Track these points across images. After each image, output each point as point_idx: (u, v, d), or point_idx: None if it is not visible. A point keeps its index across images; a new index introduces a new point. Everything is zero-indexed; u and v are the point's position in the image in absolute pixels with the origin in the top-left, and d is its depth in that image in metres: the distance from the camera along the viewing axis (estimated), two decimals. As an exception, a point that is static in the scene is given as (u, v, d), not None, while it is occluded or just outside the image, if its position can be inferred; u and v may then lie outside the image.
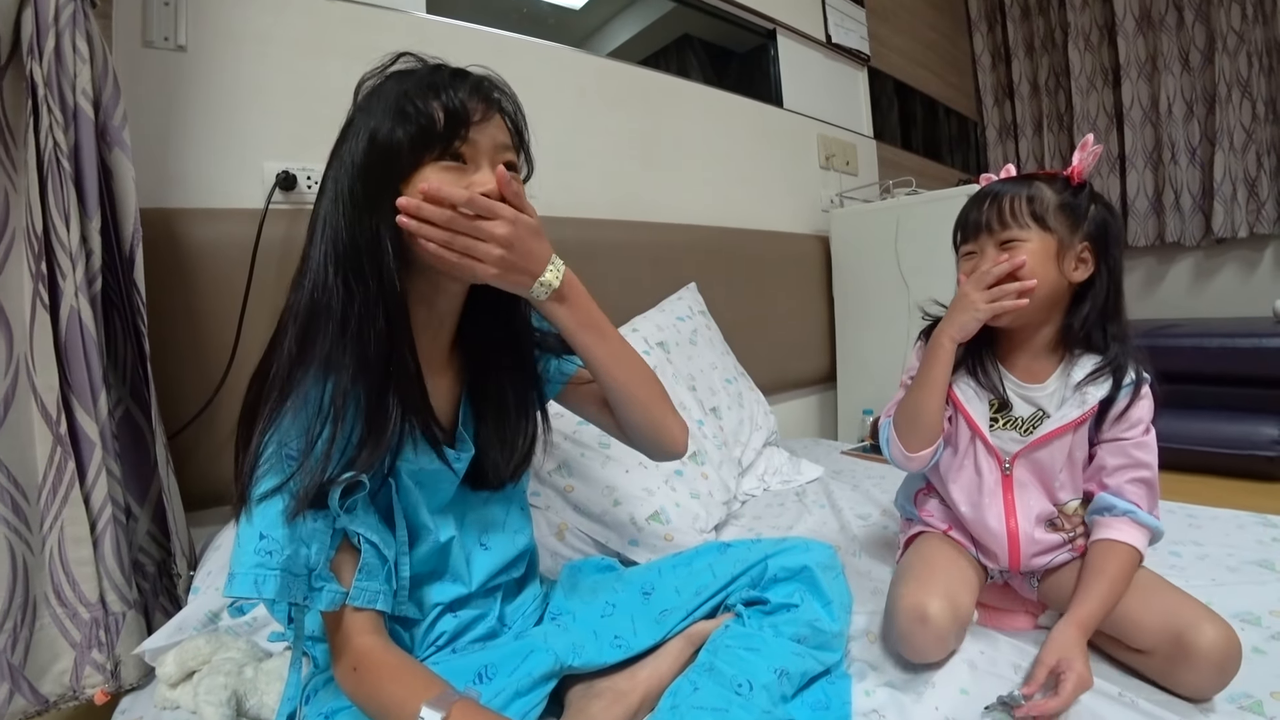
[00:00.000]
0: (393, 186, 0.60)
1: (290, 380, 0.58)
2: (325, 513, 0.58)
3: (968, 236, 0.85)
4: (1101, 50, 3.08)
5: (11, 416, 0.78)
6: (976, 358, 0.87)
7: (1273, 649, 0.76)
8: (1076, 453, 0.82)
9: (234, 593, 0.55)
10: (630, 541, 1.10)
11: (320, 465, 0.57)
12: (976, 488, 0.86)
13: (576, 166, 1.67)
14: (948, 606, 0.74)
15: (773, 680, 0.66)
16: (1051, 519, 0.84)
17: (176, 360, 1.03)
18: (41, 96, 0.80)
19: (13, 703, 0.76)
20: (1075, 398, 0.80)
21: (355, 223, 0.60)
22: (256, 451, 0.57)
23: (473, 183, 0.62)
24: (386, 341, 0.60)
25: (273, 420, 0.57)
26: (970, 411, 0.85)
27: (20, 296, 0.79)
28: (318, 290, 0.59)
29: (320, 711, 0.62)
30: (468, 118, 0.62)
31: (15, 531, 0.77)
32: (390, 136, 0.60)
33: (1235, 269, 2.94)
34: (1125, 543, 0.76)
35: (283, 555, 0.56)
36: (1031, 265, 0.79)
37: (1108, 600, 0.73)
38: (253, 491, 0.56)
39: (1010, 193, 0.81)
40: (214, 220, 1.12)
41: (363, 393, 0.60)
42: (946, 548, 0.87)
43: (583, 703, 0.70)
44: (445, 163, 0.61)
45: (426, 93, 0.61)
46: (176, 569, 0.93)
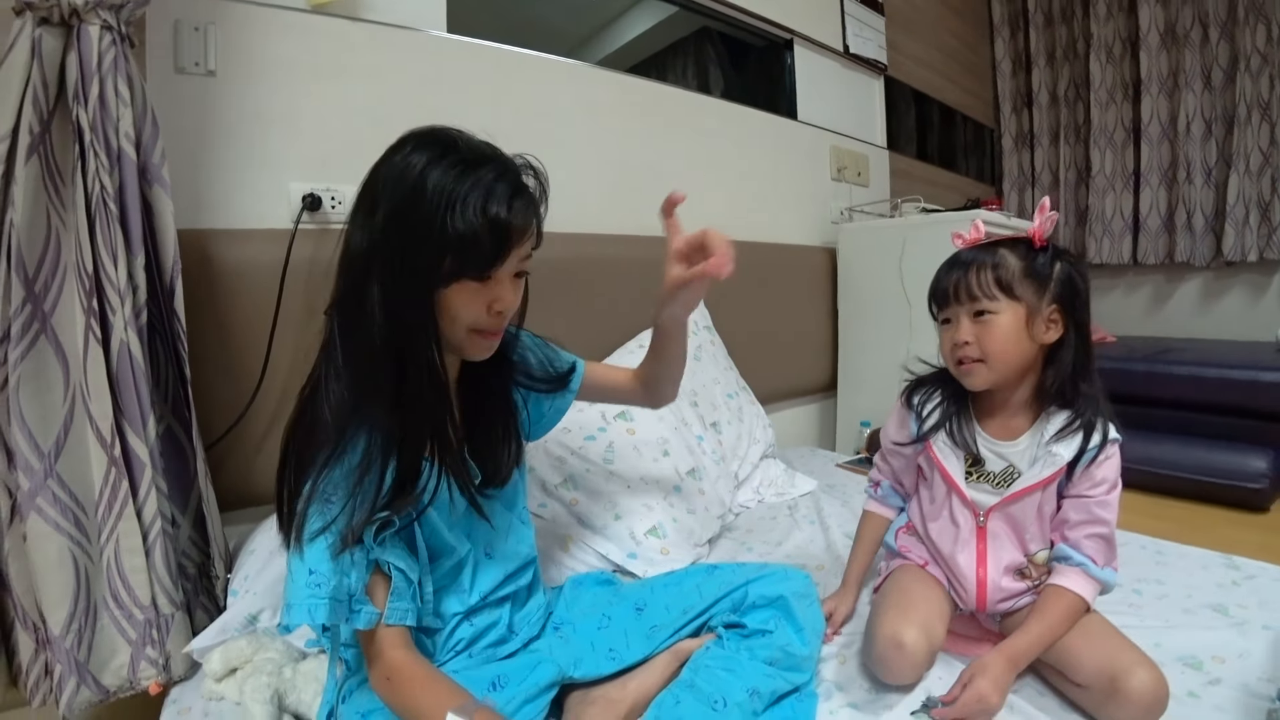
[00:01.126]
0: (435, 288, 0.68)
1: (340, 439, 0.66)
2: (362, 547, 0.66)
3: (942, 305, 0.89)
4: (1123, 64, 3.05)
5: (70, 440, 0.87)
6: (953, 416, 0.91)
7: (1207, 694, 0.82)
8: (1046, 507, 0.88)
9: (293, 621, 0.64)
10: (629, 554, 1.18)
11: (362, 509, 0.65)
12: (953, 536, 0.92)
13: (588, 182, 1.71)
14: (923, 635, 0.82)
15: (745, 699, 0.74)
16: (1021, 569, 0.90)
17: (210, 375, 1.10)
18: (88, 142, 0.86)
19: (80, 694, 0.86)
20: (1046, 457, 0.85)
21: (405, 315, 0.66)
22: (307, 497, 0.65)
23: (494, 298, 0.70)
24: (436, 417, 0.69)
25: (323, 472, 0.65)
26: (946, 466, 0.91)
27: (74, 330, 0.87)
28: (366, 363, 0.67)
29: (358, 710, 0.71)
30: (510, 245, 0.68)
31: (78, 544, 0.86)
32: (441, 245, 0.65)
33: (1243, 292, 2.94)
34: (1073, 591, 0.83)
35: (329, 586, 0.64)
36: (1004, 336, 0.83)
37: (1042, 640, 0.80)
38: (303, 532, 0.65)
39: (976, 263, 0.85)
40: (244, 241, 1.18)
41: (404, 453, 0.68)
42: (923, 580, 0.94)
43: (580, 708, 0.79)
44: (477, 280, 0.69)
45: (483, 212, 0.65)
46: (215, 571, 1.03)
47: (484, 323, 0.71)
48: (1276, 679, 0.84)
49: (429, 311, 0.68)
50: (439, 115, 1.54)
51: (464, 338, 0.72)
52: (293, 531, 0.65)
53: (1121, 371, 2.32)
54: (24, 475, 0.84)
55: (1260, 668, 0.88)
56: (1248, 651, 0.91)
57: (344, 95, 1.31)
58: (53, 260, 0.87)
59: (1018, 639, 0.80)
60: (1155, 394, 2.25)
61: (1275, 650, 0.91)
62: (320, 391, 0.69)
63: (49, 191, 0.86)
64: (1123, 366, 2.33)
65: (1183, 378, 2.19)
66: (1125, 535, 1.34)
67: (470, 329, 0.71)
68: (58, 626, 0.85)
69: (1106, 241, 3.13)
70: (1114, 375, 2.32)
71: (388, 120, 1.00)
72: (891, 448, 1.00)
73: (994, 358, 0.84)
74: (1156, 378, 2.24)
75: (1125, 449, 2.31)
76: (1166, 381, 2.21)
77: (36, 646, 0.89)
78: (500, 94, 1.53)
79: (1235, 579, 1.14)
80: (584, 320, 1.59)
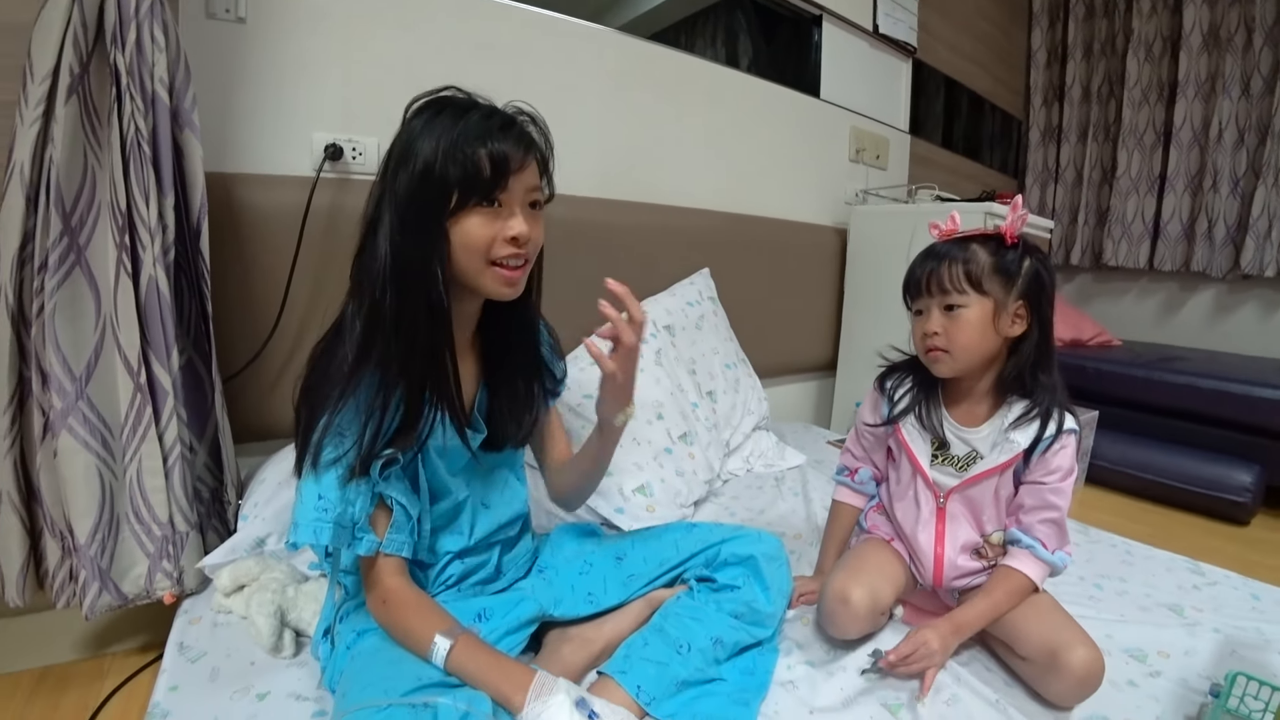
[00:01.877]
0: (441, 220, 0.72)
1: (353, 377, 0.71)
2: (367, 479, 0.72)
3: (914, 295, 0.93)
4: (1162, 63, 2.97)
5: (100, 366, 0.93)
6: (922, 402, 0.96)
7: (1146, 684, 0.88)
8: (1003, 491, 0.92)
9: (299, 540, 0.70)
10: (617, 509, 1.24)
11: (369, 444, 0.71)
12: (915, 516, 0.97)
13: (603, 147, 1.73)
14: (867, 595, 0.88)
15: (708, 646, 0.80)
16: (977, 548, 0.95)
17: (230, 313, 1.16)
18: (125, 85, 0.90)
19: (101, 598, 0.94)
20: (1004, 443, 0.89)
21: (410, 247, 0.71)
22: (323, 429, 0.71)
23: (506, 226, 0.74)
24: (430, 346, 0.74)
25: (338, 406, 0.71)
26: (913, 449, 0.96)
27: (106, 264, 0.92)
28: (376, 303, 0.72)
29: (353, 629, 0.78)
30: (509, 168, 0.72)
31: (104, 462, 0.93)
32: (443, 177, 0.70)
33: (1256, 307, 2.91)
34: (1021, 572, 0.88)
35: (335, 512, 0.71)
36: (970, 330, 0.87)
37: (985, 614, 0.85)
38: (316, 460, 0.71)
39: (949, 257, 0.88)
40: (268, 187, 1.22)
41: (406, 388, 0.73)
42: (882, 551, 1.00)
43: (556, 644, 0.86)
44: (485, 207, 0.73)
45: (476, 141, 0.70)
46: (228, 496, 1.10)
47: (501, 252, 0.74)
48: (1214, 677, 0.88)
49: (436, 245, 0.72)
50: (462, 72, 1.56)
51: (482, 270, 0.75)
52: (307, 459, 0.72)
53: (1121, 376, 2.34)
54: (57, 396, 0.91)
55: (1202, 666, 0.92)
56: (1194, 650, 0.96)
57: (370, 48, 1.34)
58: (89, 197, 0.92)
59: (965, 610, 0.86)
60: (1152, 401, 2.27)
61: (1221, 652, 0.96)
62: (342, 331, 0.74)
63: (86, 131, 0.90)
64: (1124, 371, 2.34)
65: (1179, 387, 2.20)
66: (1098, 534, 1.38)
67: (489, 261, 0.74)
68: (83, 535, 0.93)
69: (1124, 244, 3.10)
70: (1113, 379, 2.34)
71: (412, 75, 1.03)
72: (864, 428, 1.04)
73: (959, 350, 0.88)
74: (1154, 384, 2.26)
75: (1115, 452, 2.35)
76: (1164, 389, 2.24)
77: (63, 554, 0.96)
78: (523, 54, 1.55)
79: (1197, 583, 1.18)
80: (592, 284, 1.63)
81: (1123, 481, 2.23)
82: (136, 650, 1.15)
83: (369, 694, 0.62)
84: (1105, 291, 3.31)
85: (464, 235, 0.73)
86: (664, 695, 0.75)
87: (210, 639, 0.88)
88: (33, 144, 0.87)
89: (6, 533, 0.94)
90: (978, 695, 0.83)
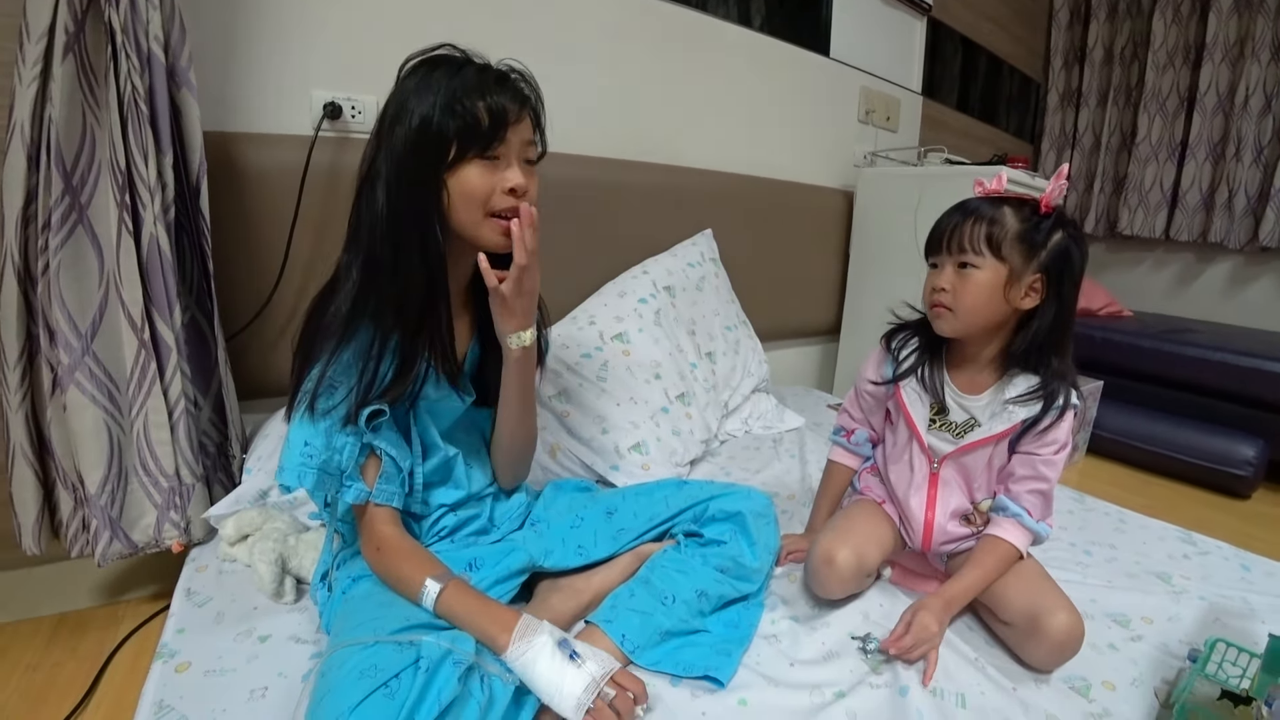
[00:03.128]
0: (439, 172, 0.73)
1: (349, 327, 0.74)
2: (356, 429, 0.75)
3: (933, 249, 0.91)
4: (1190, 25, 2.85)
5: (105, 323, 0.95)
6: (926, 363, 0.95)
7: (1126, 649, 0.89)
8: (996, 460, 0.93)
9: (282, 480, 0.74)
10: (612, 467, 1.26)
11: (360, 394, 0.74)
12: (908, 480, 0.98)
13: (606, 106, 1.71)
14: (853, 556, 0.89)
15: (693, 598, 0.83)
16: (966, 514, 0.95)
17: (232, 271, 1.17)
18: (120, 43, 0.90)
19: (112, 547, 0.98)
20: (1003, 414, 0.89)
21: (407, 199, 0.73)
22: (317, 378, 0.74)
23: (504, 178, 0.75)
24: (427, 297, 0.76)
25: (333, 356, 0.74)
26: (912, 413, 0.95)
27: (108, 222, 0.94)
28: (374, 253, 0.74)
29: (349, 575, 0.81)
30: (506, 120, 0.74)
31: (111, 416, 0.96)
32: (441, 130, 0.71)
33: (1274, 280, 2.84)
34: (1007, 540, 0.89)
35: (320, 459, 0.74)
36: (977, 292, 0.85)
37: (975, 585, 0.87)
38: (307, 406, 0.73)
39: (975, 215, 0.86)
40: (267, 145, 1.23)
41: (400, 340, 0.75)
42: (872, 512, 1.01)
43: (546, 594, 0.89)
44: (483, 159, 0.74)
45: (474, 94, 0.72)
46: (232, 450, 1.14)
47: (500, 204, 0.76)
48: (1195, 644, 0.89)
49: (435, 197, 0.74)
50: (461, 28, 1.55)
51: (481, 221, 0.76)
52: (297, 405, 0.74)
53: (1128, 346, 2.32)
54: (64, 352, 0.93)
55: (1184, 632, 0.93)
56: (1177, 616, 0.97)
57: (369, 5, 1.32)
58: (88, 156, 0.93)
59: (954, 584, 0.87)
60: (1159, 372, 2.25)
61: (1204, 619, 0.97)
62: (338, 284, 0.76)
63: (84, 90, 0.91)
64: (1131, 342, 2.32)
65: (1187, 359, 2.18)
66: (1094, 502, 1.39)
67: (487, 212, 0.76)
68: (94, 486, 0.96)
69: (1141, 213, 3.03)
70: (1119, 349, 2.32)
71: (411, 32, 1.02)
72: (867, 387, 1.04)
73: (963, 310, 0.87)
74: (1162, 356, 2.24)
75: (1118, 422, 2.33)
76: (1171, 361, 2.21)
77: (75, 504, 1.00)
78: (524, 10, 1.53)
79: (1188, 553, 1.18)
80: (593, 241, 1.64)
81: (1125, 453, 2.22)
82: (149, 598, 1.20)
83: (359, 633, 0.65)
84: (1119, 261, 3.26)
85: (463, 186, 0.74)
86: (648, 644, 0.78)
87: (216, 585, 0.92)
88: (32, 103, 0.88)
89: (22, 484, 0.97)
90: (957, 653, 0.85)
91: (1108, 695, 0.80)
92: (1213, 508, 1.98)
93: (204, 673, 0.75)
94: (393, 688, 0.58)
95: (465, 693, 0.62)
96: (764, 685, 0.78)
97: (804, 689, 0.77)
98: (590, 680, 0.66)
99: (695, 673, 0.77)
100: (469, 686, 0.63)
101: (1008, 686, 0.80)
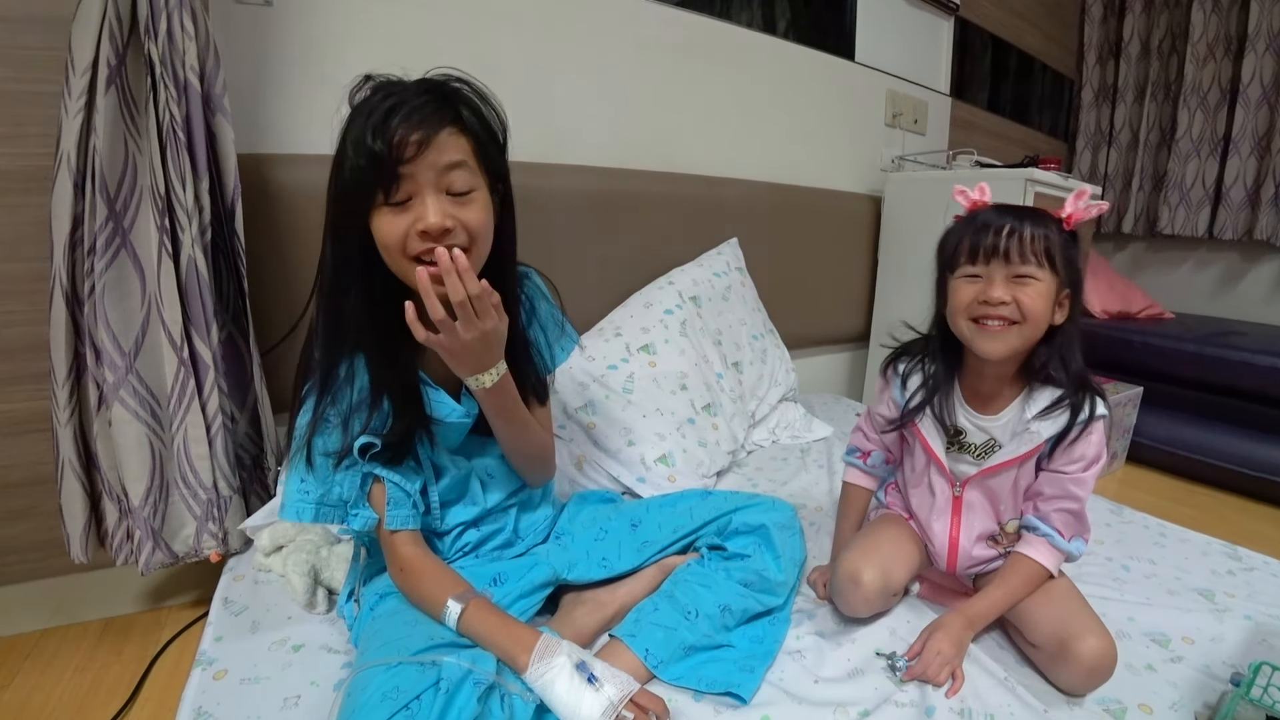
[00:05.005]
0: (358, 224, 0.70)
1: (319, 373, 0.76)
2: (350, 462, 0.76)
3: (975, 259, 0.82)
4: (1230, 14, 2.74)
5: (147, 342, 0.99)
6: (936, 392, 0.90)
7: (1165, 669, 0.85)
8: (1022, 480, 0.89)
9: (284, 517, 0.76)
10: (638, 479, 1.27)
11: (351, 431, 0.75)
12: (929, 504, 0.95)
13: (630, 118, 1.72)
14: (879, 576, 0.88)
15: (716, 612, 0.83)
16: (993, 535, 0.93)
17: (266, 289, 1.20)
18: (159, 74, 0.94)
19: (154, 556, 1.02)
20: (1025, 433, 0.85)
21: (341, 251, 0.73)
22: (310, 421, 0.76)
23: (416, 219, 0.68)
24: (380, 346, 0.76)
25: (310, 396, 0.76)
26: (927, 438, 0.92)
27: (149, 245, 0.98)
28: (326, 303, 0.76)
29: (376, 592, 0.82)
30: (397, 160, 0.65)
31: (153, 431, 1.00)
32: (346, 181, 0.68)
33: None
34: (1036, 561, 0.86)
35: (316, 494, 0.76)
36: (1043, 301, 0.80)
37: (1000, 604, 0.85)
38: (297, 448, 0.76)
39: (1030, 225, 0.80)
40: (298, 166, 1.25)
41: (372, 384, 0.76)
42: (898, 528, 0.98)
43: (571, 607, 0.89)
44: (390, 206, 0.68)
45: (364, 137, 0.65)
46: (268, 463, 1.17)
47: (417, 247, 0.69)
48: (1239, 666, 0.85)
49: (359, 249, 0.71)
50: (485, 44, 1.56)
51: (408, 267, 0.69)
52: (292, 445, 0.77)
53: (1170, 350, 2.23)
54: (109, 370, 0.97)
55: (1228, 654, 0.89)
56: (1221, 637, 0.93)
57: (393, 23, 1.35)
58: (130, 182, 0.97)
59: (978, 602, 0.86)
60: (1204, 377, 2.16)
61: (1250, 640, 0.92)
62: (314, 328, 0.78)
63: (126, 120, 0.95)
64: (1173, 346, 2.23)
65: (1233, 363, 2.08)
66: (1131, 514, 1.34)
67: (409, 257, 0.69)
68: (137, 498, 1.00)
69: (1182, 211, 2.93)
70: (1160, 354, 2.25)
71: (434, 49, 1.04)
72: (877, 416, 1.00)
73: (1031, 321, 0.80)
74: (1206, 360, 2.14)
75: (1160, 430, 2.26)
76: (1216, 365, 2.12)
77: (119, 515, 1.05)
78: (545, 24, 1.54)
79: (1232, 568, 1.13)
80: (618, 253, 1.65)
81: (1167, 461, 2.15)
82: (190, 604, 1.24)
83: (384, 652, 0.67)
84: (1159, 261, 3.15)
85: (378, 236, 0.69)
86: (671, 659, 0.78)
87: (252, 595, 0.95)
88: (77, 133, 0.92)
89: (70, 496, 1.02)
90: (987, 672, 0.83)
91: (1144, 718, 0.77)
92: (1262, 520, 1.90)
93: (240, 680, 0.77)
94: (414, 710, 0.59)
95: (485, 711, 0.63)
96: (788, 702, 0.77)
97: (828, 707, 0.77)
98: (608, 704, 0.66)
99: (718, 689, 0.77)
100: (489, 705, 0.64)
101: (1038, 708, 0.78)
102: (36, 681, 1.05)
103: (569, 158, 1.58)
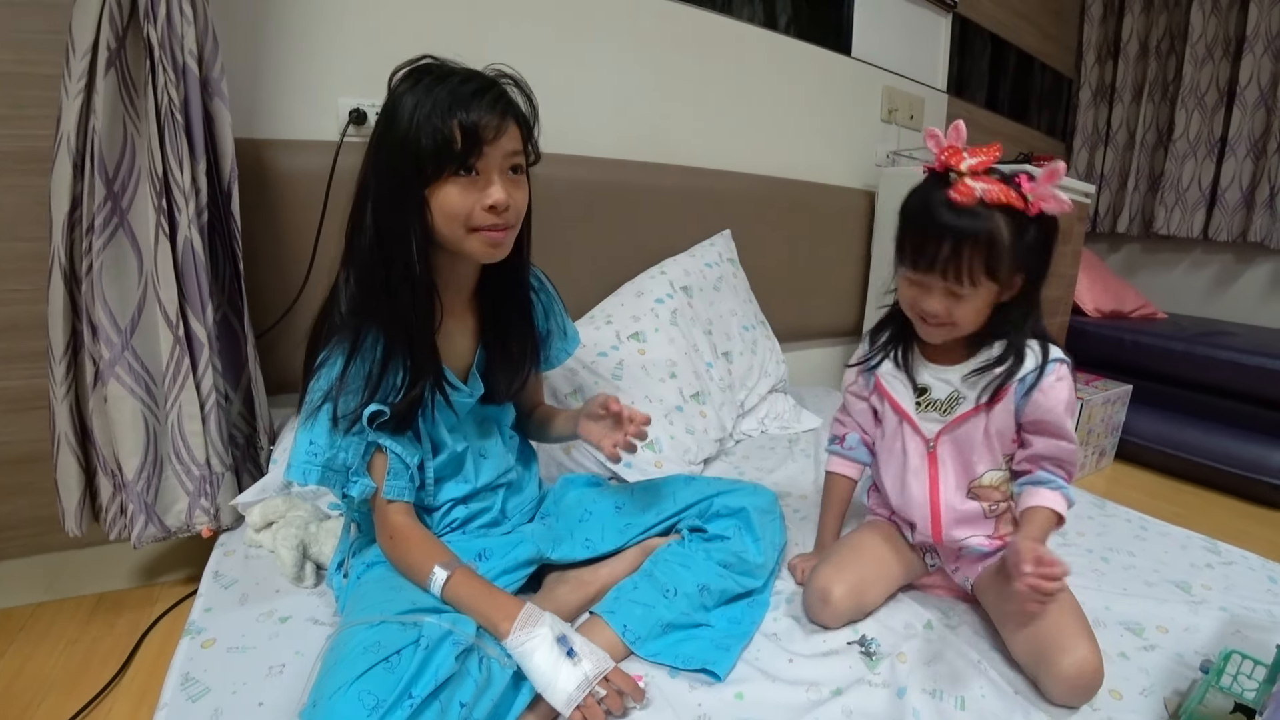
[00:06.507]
0: (418, 191, 0.74)
1: (342, 339, 0.77)
2: (359, 429, 0.78)
3: (918, 266, 0.82)
4: (1230, 15, 2.75)
5: (143, 320, 1.01)
6: (899, 349, 0.94)
7: (1138, 657, 0.86)
8: (992, 428, 0.88)
9: (289, 477, 0.77)
10: (625, 464, 1.28)
11: (361, 398, 0.77)
12: (903, 466, 0.95)
13: (626, 108, 1.73)
14: (850, 595, 0.88)
15: (694, 592, 0.85)
16: (970, 488, 0.92)
17: (261, 272, 1.22)
18: (158, 57, 0.96)
19: (147, 530, 1.04)
20: (984, 378, 0.86)
21: (392, 217, 0.75)
22: (326, 390, 0.77)
23: (484, 195, 0.75)
24: (413, 315, 0.78)
25: (336, 356, 0.77)
26: (895, 397, 0.94)
27: (146, 225, 1.00)
28: (365, 269, 0.77)
29: (364, 561, 0.85)
30: (482, 139, 0.72)
31: (148, 408, 1.02)
32: (418, 149, 0.71)
33: None
34: (1048, 507, 0.85)
35: (324, 457, 0.77)
36: (975, 311, 0.82)
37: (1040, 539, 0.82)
38: (310, 410, 0.77)
39: (970, 238, 0.77)
40: (295, 151, 1.28)
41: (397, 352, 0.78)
42: (881, 540, 0.97)
43: (553, 585, 0.91)
44: (461, 176, 0.74)
45: (449, 112, 0.71)
46: (260, 442, 1.19)
47: (480, 219, 0.75)
48: (1211, 655, 0.85)
49: (414, 217, 0.75)
50: (483, 35, 1.58)
51: (464, 237, 0.76)
52: (305, 407, 0.78)
53: (1160, 349, 2.25)
54: (105, 347, 0.99)
55: (1201, 643, 0.90)
56: (1195, 627, 0.93)
57: (393, 11, 1.37)
58: (129, 164, 0.99)
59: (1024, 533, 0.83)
60: (1192, 377, 2.18)
61: (1223, 631, 0.93)
62: (336, 295, 0.80)
63: (125, 102, 0.97)
64: (1162, 344, 2.25)
65: (1221, 363, 2.10)
66: (1114, 508, 1.35)
67: (469, 228, 0.76)
68: (131, 473, 1.02)
69: (1178, 212, 2.94)
70: (1150, 352, 2.27)
71: (435, 38, 1.06)
72: (851, 388, 1.02)
73: (965, 325, 0.84)
74: (1196, 360, 2.16)
75: (1149, 428, 2.27)
76: (1205, 365, 2.14)
77: (114, 490, 1.07)
78: (547, 14, 1.56)
79: (1211, 562, 1.14)
80: (611, 242, 1.66)
81: (1155, 459, 2.17)
82: (181, 581, 1.27)
83: (368, 613, 0.69)
84: (1154, 262, 3.16)
85: (443, 205, 0.74)
86: (649, 635, 0.80)
87: (242, 569, 0.97)
88: (77, 115, 0.94)
89: (66, 470, 1.04)
90: (960, 655, 0.84)
91: (1114, 704, 0.78)
92: (1246, 518, 1.91)
93: (227, 649, 0.79)
94: (393, 662, 0.61)
95: (463, 671, 0.65)
96: (762, 680, 0.79)
97: (801, 685, 0.78)
98: (583, 678, 0.68)
99: (693, 665, 0.79)
100: (467, 665, 0.66)
101: (1009, 691, 0.79)
102: (30, 652, 1.07)
103: (565, 148, 1.60)
